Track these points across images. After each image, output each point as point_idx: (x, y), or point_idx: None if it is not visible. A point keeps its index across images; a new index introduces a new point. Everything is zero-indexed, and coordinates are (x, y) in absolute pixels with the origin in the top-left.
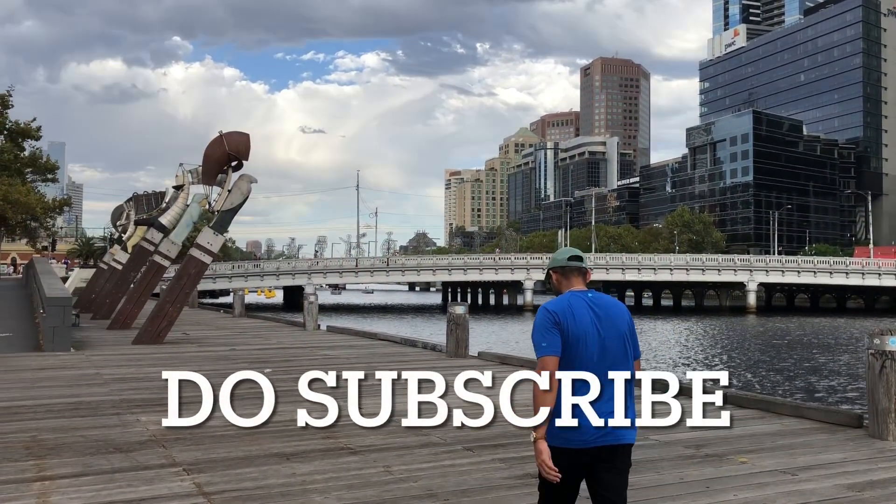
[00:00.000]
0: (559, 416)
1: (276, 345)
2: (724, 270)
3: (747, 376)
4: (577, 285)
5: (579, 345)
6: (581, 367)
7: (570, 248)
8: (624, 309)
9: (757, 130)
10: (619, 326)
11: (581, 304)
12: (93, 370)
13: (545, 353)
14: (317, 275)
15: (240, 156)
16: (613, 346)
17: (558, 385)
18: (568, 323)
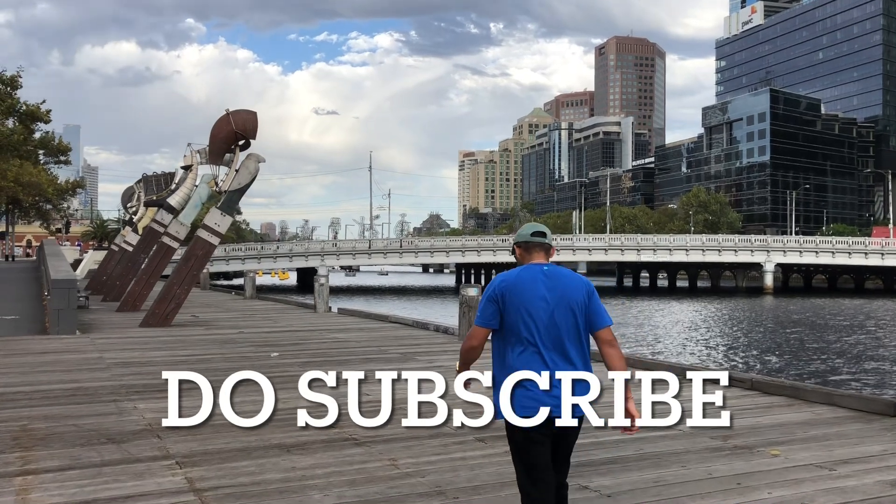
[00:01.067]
0: (519, 386)
1: (284, 327)
2: (741, 251)
3: (770, 360)
4: (538, 260)
5: (522, 315)
6: (527, 337)
7: (536, 225)
8: (581, 282)
9: (774, 109)
10: (570, 299)
11: (532, 276)
12: (96, 354)
13: (476, 323)
14: (330, 256)
15: (247, 134)
16: (563, 318)
17: (478, 357)
18: (509, 295)
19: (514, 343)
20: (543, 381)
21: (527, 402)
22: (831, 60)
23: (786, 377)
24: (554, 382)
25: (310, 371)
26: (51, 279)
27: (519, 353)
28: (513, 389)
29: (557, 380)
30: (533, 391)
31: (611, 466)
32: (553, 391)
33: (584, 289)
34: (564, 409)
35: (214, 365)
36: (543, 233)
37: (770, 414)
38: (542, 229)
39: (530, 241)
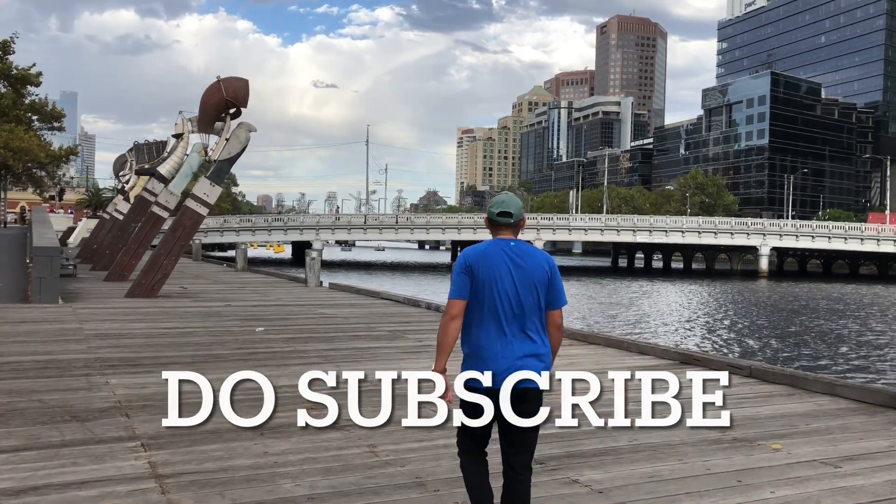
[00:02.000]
0: (471, 357)
1: (273, 301)
2: (737, 234)
3: (767, 345)
4: (505, 235)
5: (489, 289)
6: (491, 310)
7: (506, 202)
8: (545, 260)
9: (774, 92)
10: (534, 275)
11: (498, 251)
12: (75, 324)
13: (451, 297)
14: (325, 230)
15: (238, 102)
16: (526, 294)
17: (459, 328)
18: (479, 268)
19: (476, 316)
20: (502, 354)
21: (481, 373)
22: (833, 45)
23: (783, 364)
24: (511, 354)
25: (293, 346)
26: (33, 246)
27: (480, 326)
28: (477, 360)
29: (515, 353)
30: (489, 362)
31: (603, 458)
32: (508, 363)
33: (547, 266)
34: (524, 381)
35: (196, 339)
36: (510, 213)
37: (770, 404)
38: (508, 209)
39: (496, 220)
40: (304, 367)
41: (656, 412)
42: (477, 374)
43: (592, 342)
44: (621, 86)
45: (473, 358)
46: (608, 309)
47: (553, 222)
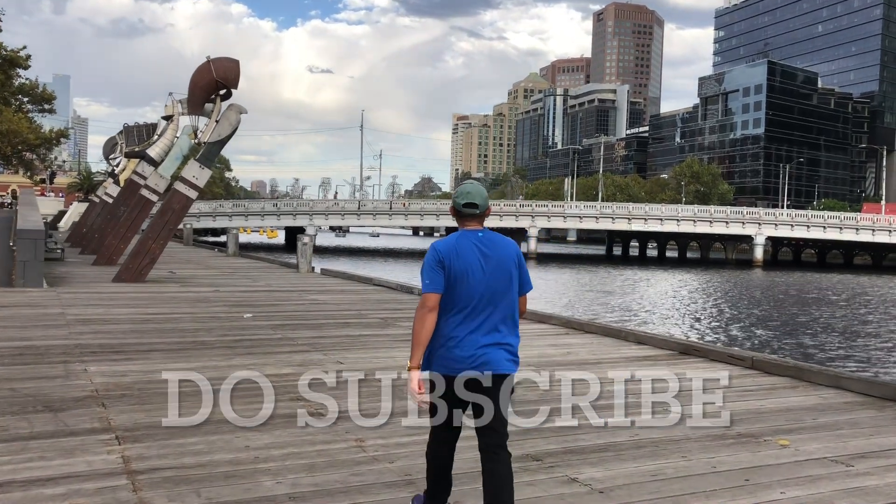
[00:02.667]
0: (440, 346)
1: (263, 287)
2: (732, 223)
3: (764, 335)
4: (471, 225)
5: (462, 281)
6: (465, 302)
7: (471, 193)
8: (511, 248)
9: (771, 81)
10: (504, 265)
11: (468, 243)
12: (58, 309)
13: (427, 290)
14: (318, 216)
15: (228, 84)
16: (497, 283)
17: (436, 321)
18: (452, 261)
19: (449, 307)
20: (472, 341)
21: (452, 363)
22: (830, 34)
23: (782, 355)
24: (481, 342)
25: (281, 332)
26: (17, 229)
27: (452, 317)
28: (440, 349)
29: (484, 340)
30: (458, 350)
31: (603, 455)
32: (478, 350)
33: (515, 254)
34: (487, 366)
35: (182, 325)
36: (475, 204)
37: (774, 397)
38: (474, 201)
39: (462, 211)
40: (291, 355)
41: (657, 407)
42: (444, 360)
43: (589, 331)
44: (617, 73)
45: (440, 346)
46: (602, 297)
47: (548, 210)
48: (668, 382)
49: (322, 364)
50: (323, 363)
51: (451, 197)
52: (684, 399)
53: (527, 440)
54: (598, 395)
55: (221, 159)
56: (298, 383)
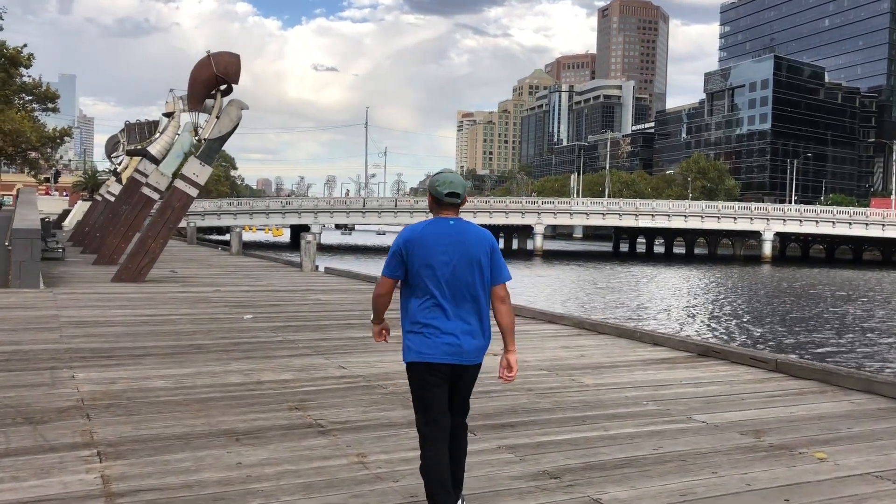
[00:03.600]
0: (413, 334)
1: (265, 286)
2: (741, 219)
3: (779, 334)
4: (446, 214)
5: (426, 268)
6: (430, 289)
7: (454, 182)
8: (484, 237)
9: (777, 76)
10: (472, 253)
11: (437, 230)
12: (52, 311)
13: (382, 273)
14: (323, 214)
15: (229, 79)
16: (464, 271)
17: (387, 304)
18: (413, 249)
19: (417, 294)
20: (442, 329)
21: (424, 349)
22: (837, 28)
23: (802, 355)
24: (451, 330)
25: (282, 335)
26: (12, 228)
27: (421, 303)
28: (414, 335)
29: (454, 329)
30: (431, 339)
31: (626, 471)
32: (449, 339)
33: (487, 244)
34: (458, 355)
35: (179, 327)
36: (458, 193)
37: (803, 403)
38: (455, 191)
39: (443, 200)
40: (291, 360)
41: (679, 414)
42: (419, 348)
43: (602, 332)
44: (623, 70)
45: (414, 334)
46: (611, 294)
47: (554, 206)
48: (689, 387)
49: (323, 369)
50: (324, 368)
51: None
52: (707, 405)
53: (543, 454)
54: (616, 401)
55: (227, 158)
56: (298, 390)
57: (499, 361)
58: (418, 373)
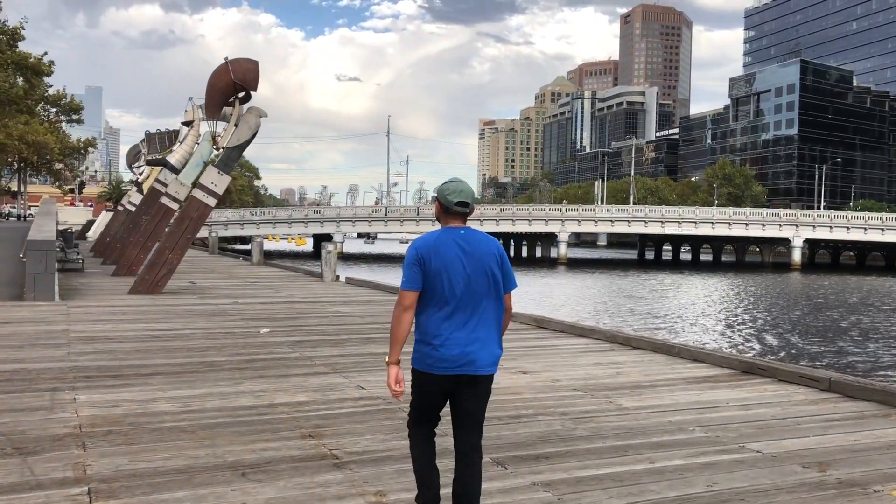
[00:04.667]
0: (425, 344)
1: (285, 298)
2: (769, 225)
3: (826, 347)
4: (455, 223)
5: (442, 279)
6: (445, 299)
7: (464, 191)
8: (493, 246)
9: (804, 81)
10: (485, 263)
11: (449, 240)
12: (63, 325)
13: (404, 288)
14: (346, 223)
15: (247, 86)
16: (478, 281)
17: (412, 318)
18: (431, 259)
19: (432, 304)
20: (456, 340)
21: (434, 360)
22: (865, 31)
23: (852, 371)
24: (464, 340)
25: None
26: (27, 240)
27: (435, 314)
28: (425, 346)
29: (468, 339)
30: (442, 349)
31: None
32: (462, 349)
33: (497, 253)
34: (470, 365)
35: (192, 343)
36: (466, 203)
37: (866, 429)
38: (464, 199)
39: (452, 209)
40: (307, 379)
41: (730, 442)
42: (429, 360)
43: (637, 346)
44: (646, 76)
45: (426, 344)
46: (639, 304)
47: (579, 214)
48: (737, 409)
49: (341, 389)
50: (342, 388)
51: (479, 202)
52: (761, 432)
53: (584, 492)
54: (660, 427)
55: (250, 167)
56: (312, 415)
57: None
58: (423, 381)
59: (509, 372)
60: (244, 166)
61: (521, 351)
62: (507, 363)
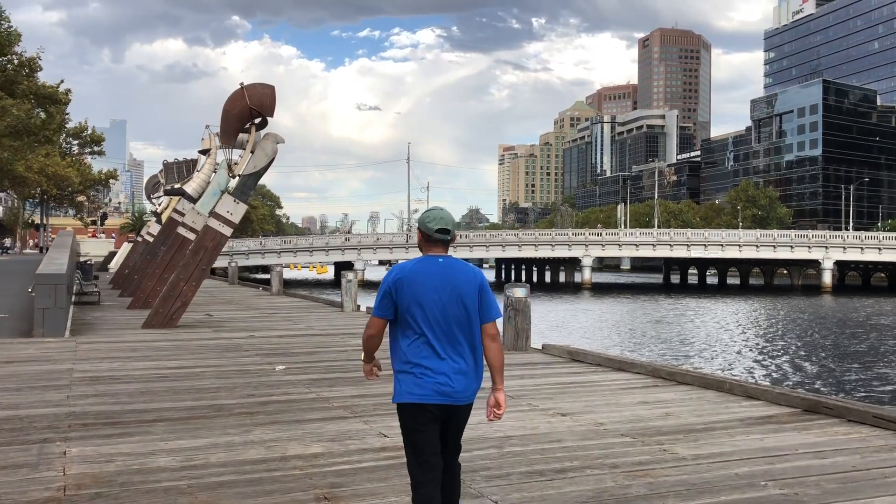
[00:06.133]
0: (404, 374)
1: (303, 330)
2: (798, 247)
3: (882, 379)
4: (436, 251)
5: (416, 307)
6: (419, 328)
7: (444, 218)
8: (474, 274)
9: (826, 101)
10: (462, 291)
11: (426, 268)
12: (68, 365)
13: (373, 315)
14: (366, 250)
15: (263, 111)
16: (454, 310)
17: (378, 344)
18: (402, 288)
19: (407, 333)
20: (433, 369)
21: (415, 389)
22: (887, 50)
23: None
24: (442, 370)
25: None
26: (35, 273)
27: (411, 343)
28: (405, 375)
29: (445, 369)
30: (422, 379)
31: None
32: (440, 378)
33: (476, 282)
34: (449, 395)
35: (202, 383)
36: (448, 230)
37: None
38: (446, 226)
39: (433, 236)
40: (323, 425)
41: (810, 500)
42: (414, 392)
43: (682, 381)
44: (665, 99)
45: (404, 374)
46: (669, 330)
47: (602, 238)
48: (810, 458)
49: (361, 437)
50: (362, 436)
51: (500, 228)
52: (846, 488)
53: None
54: (726, 481)
55: (272, 197)
56: (328, 470)
57: (486, 401)
58: (409, 414)
59: (547, 414)
60: (266, 195)
61: (557, 388)
62: (543, 403)
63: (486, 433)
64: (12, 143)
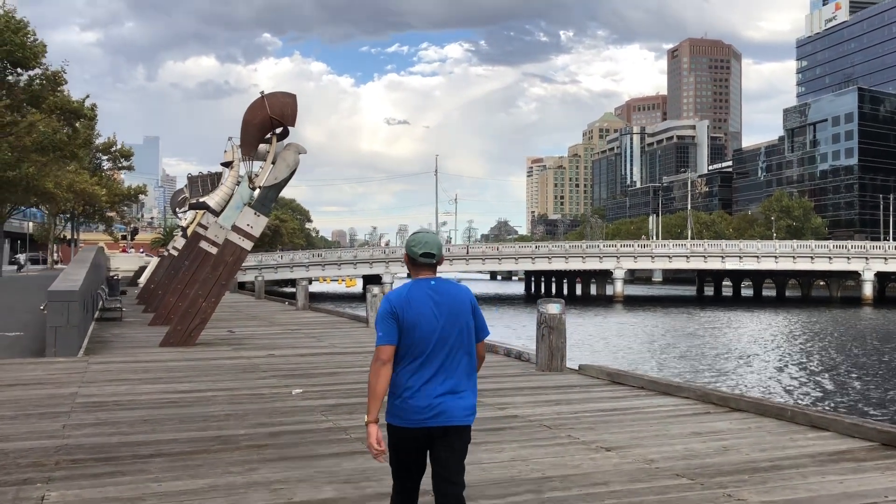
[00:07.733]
0: (396, 396)
1: (326, 348)
2: (836, 258)
3: None
4: (424, 274)
5: (415, 330)
6: (418, 351)
7: (429, 242)
8: (465, 295)
9: (861, 109)
10: (457, 313)
11: (421, 292)
12: (73, 388)
13: (380, 343)
14: (395, 263)
15: (285, 121)
16: (450, 331)
17: (390, 372)
18: (404, 312)
19: (405, 357)
20: (428, 392)
21: (407, 413)
22: None
23: None
24: (438, 392)
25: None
26: (47, 290)
27: (407, 366)
28: (398, 398)
29: (441, 390)
30: (414, 401)
31: None
32: (436, 401)
33: (468, 302)
34: (444, 415)
35: (212, 409)
36: (433, 254)
37: None
38: (431, 250)
39: (418, 260)
40: (338, 462)
41: None
42: (400, 411)
43: (736, 408)
44: (695, 109)
45: (397, 397)
46: (708, 346)
47: (634, 250)
48: None
49: (379, 478)
50: (381, 476)
51: (529, 240)
52: None
53: None
54: None
55: (302, 210)
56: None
57: None
58: (397, 436)
59: (590, 448)
60: (296, 209)
61: (598, 416)
62: (584, 435)
63: (522, 472)
64: (39, 159)
